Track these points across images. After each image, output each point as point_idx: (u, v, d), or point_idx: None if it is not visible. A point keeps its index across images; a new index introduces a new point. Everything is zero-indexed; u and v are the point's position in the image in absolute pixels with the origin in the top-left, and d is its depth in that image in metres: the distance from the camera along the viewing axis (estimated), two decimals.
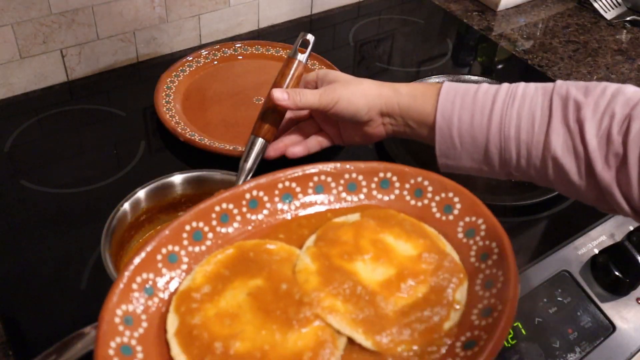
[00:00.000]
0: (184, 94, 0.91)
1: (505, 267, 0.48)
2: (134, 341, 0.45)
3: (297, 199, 0.56)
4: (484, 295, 0.48)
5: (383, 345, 0.46)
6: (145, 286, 0.48)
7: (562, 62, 1.11)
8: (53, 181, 0.78)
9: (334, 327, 0.47)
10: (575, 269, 0.73)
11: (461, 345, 0.46)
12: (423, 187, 0.57)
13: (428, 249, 0.52)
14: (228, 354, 0.45)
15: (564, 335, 0.68)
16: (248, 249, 0.52)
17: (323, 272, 0.50)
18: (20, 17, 0.85)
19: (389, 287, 0.50)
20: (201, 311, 0.48)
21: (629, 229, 0.78)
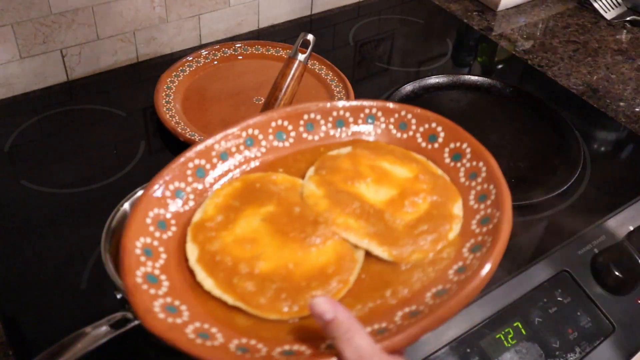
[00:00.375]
0: (184, 94, 0.91)
1: (495, 180, 0.53)
2: (157, 271, 0.47)
3: (289, 136, 0.59)
4: (480, 208, 0.52)
5: (398, 254, 0.49)
6: (158, 220, 0.50)
7: (562, 62, 1.11)
8: (53, 181, 0.78)
9: (351, 242, 0.50)
10: (575, 269, 0.73)
11: (468, 249, 0.49)
12: (407, 120, 0.60)
13: (422, 172, 0.56)
14: (254, 274, 0.47)
15: (564, 335, 0.68)
16: (254, 181, 0.55)
17: (330, 196, 0.53)
18: (20, 17, 0.85)
19: (393, 205, 0.53)
20: (218, 239, 0.50)
21: (629, 229, 0.78)
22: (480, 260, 0.46)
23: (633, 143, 0.94)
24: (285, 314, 0.45)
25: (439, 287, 0.47)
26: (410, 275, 0.48)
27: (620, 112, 1.00)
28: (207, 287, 0.47)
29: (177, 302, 0.45)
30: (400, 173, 0.56)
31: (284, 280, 0.47)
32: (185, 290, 0.47)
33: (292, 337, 0.44)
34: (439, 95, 0.97)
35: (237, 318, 0.46)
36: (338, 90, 0.93)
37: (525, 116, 0.93)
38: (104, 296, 0.63)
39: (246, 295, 0.46)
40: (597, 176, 0.85)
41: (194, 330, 0.43)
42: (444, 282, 0.47)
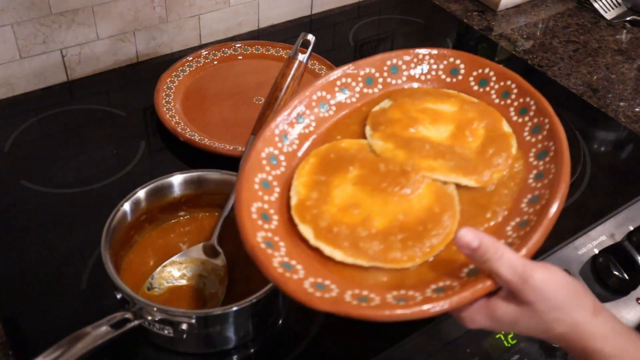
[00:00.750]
0: (184, 94, 0.91)
1: (530, 93, 0.58)
2: (286, 258, 0.49)
3: (330, 105, 0.62)
4: (525, 120, 0.58)
5: (482, 179, 0.53)
6: (262, 214, 0.52)
7: (562, 62, 1.11)
8: (53, 181, 0.78)
9: (440, 181, 0.54)
10: (575, 269, 0.73)
11: (534, 157, 0.55)
12: (425, 60, 0.66)
13: (463, 102, 0.60)
14: (373, 233, 0.50)
15: None
16: (326, 153, 0.57)
17: (402, 146, 0.56)
18: (20, 17, 0.85)
19: (457, 138, 0.57)
20: (324, 213, 0.52)
21: (629, 229, 0.78)
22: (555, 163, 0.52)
23: (633, 143, 0.94)
24: (421, 258, 0.49)
25: (529, 196, 0.51)
26: (499, 194, 0.53)
27: (621, 112, 1.00)
28: (339, 258, 0.49)
29: (320, 279, 0.48)
30: (446, 109, 0.60)
31: (403, 231, 0.50)
32: (314, 266, 0.49)
33: (434, 275, 0.48)
34: None
35: (379, 276, 0.48)
36: None
37: None
38: (104, 296, 0.63)
39: (377, 254, 0.49)
40: (597, 176, 0.85)
41: (352, 295, 0.46)
42: (530, 190, 0.52)
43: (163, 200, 0.67)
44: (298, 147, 0.58)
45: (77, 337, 0.52)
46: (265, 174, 0.55)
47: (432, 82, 0.64)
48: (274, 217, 0.52)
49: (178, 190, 0.68)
